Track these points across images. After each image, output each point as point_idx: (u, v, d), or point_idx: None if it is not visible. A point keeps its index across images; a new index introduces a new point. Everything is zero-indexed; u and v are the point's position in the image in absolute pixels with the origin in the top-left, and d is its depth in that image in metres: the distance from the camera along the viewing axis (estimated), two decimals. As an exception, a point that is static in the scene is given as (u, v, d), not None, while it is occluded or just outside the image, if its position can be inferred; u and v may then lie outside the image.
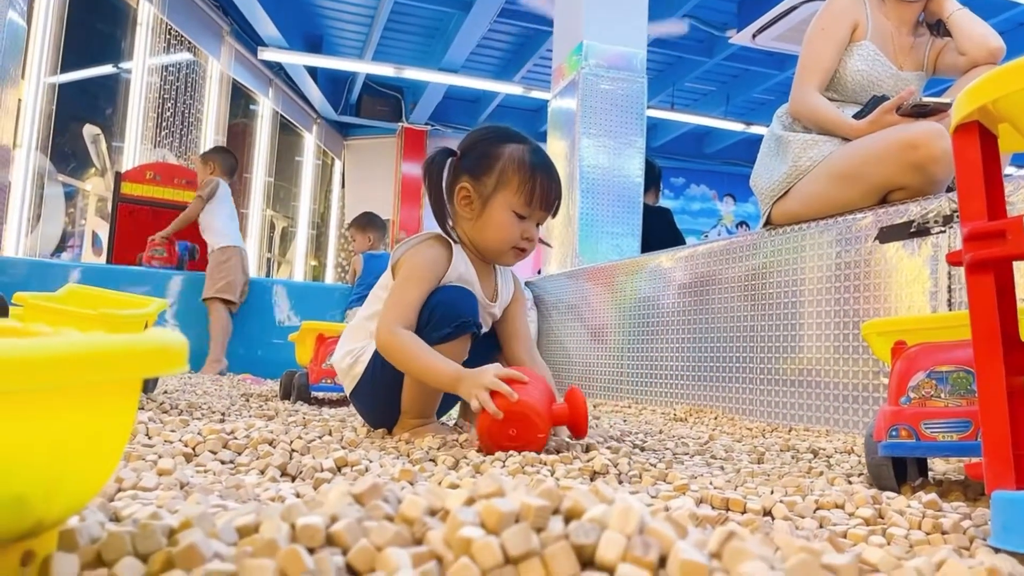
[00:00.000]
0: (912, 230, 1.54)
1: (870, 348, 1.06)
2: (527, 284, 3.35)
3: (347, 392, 1.33)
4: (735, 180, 9.69)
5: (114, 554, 0.35)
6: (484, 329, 1.35)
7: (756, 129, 7.92)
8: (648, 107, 3.79)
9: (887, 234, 1.58)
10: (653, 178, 3.82)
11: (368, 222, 4.07)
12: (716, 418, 1.97)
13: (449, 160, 1.31)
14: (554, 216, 1.32)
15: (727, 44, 6.29)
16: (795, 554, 0.32)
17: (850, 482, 0.93)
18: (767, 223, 1.99)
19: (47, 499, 0.33)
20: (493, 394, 1.05)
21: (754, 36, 5.32)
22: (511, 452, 1.01)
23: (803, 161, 1.84)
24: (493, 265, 1.38)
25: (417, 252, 1.27)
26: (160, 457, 0.80)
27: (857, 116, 1.82)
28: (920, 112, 1.73)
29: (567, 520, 0.37)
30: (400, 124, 8.41)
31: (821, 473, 1.01)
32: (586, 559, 0.34)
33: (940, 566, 0.46)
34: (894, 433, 0.87)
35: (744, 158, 9.11)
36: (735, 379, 2.03)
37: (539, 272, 3.98)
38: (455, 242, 1.31)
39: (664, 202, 9.20)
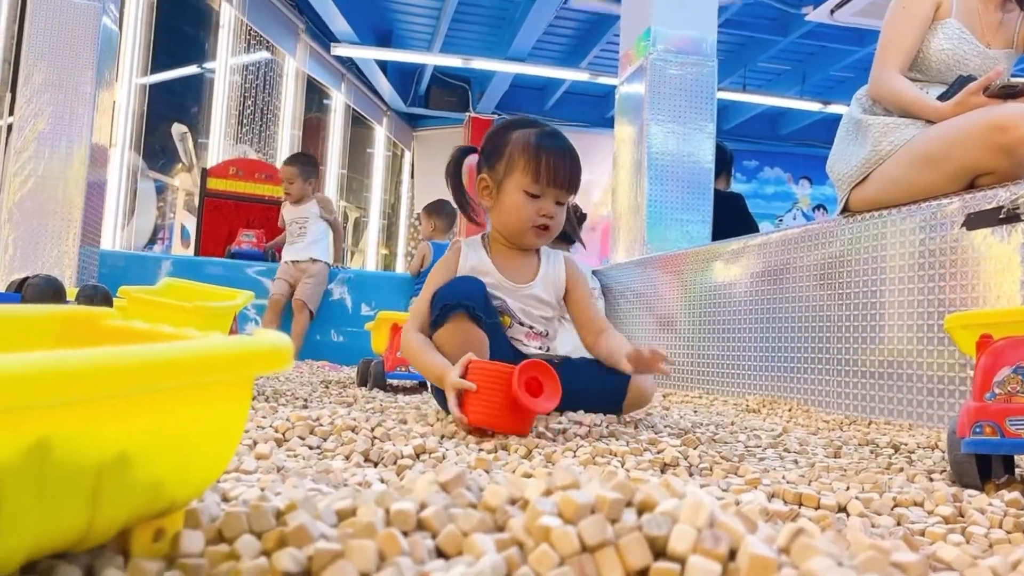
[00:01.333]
0: (1001, 216, 1.48)
1: (954, 342, 1.04)
2: (594, 272, 3.34)
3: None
4: (811, 162, 9.37)
5: (233, 532, 0.39)
6: (546, 313, 1.39)
7: (834, 108, 7.64)
8: (719, 89, 3.73)
9: (975, 221, 1.52)
10: (724, 163, 3.75)
11: (436, 209, 4.12)
12: (790, 410, 1.94)
13: (468, 158, 1.41)
14: (573, 193, 1.34)
15: (803, 21, 6.08)
16: (864, 551, 0.33)
17: (931, 479, 0.91)
18: (844, 210, 1.94)
19: (179, 483, 0.37)
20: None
21: (832, 12, 5.13)
22: (581, 443, 1.03)
23: (884, 145, 1.78)
24: (538, 251, 1.42)
25: (439, 263, 1.40)
26: (255, 443, 0.86)
27: (942, 97, 1.75)
28: (1008, 93, 1.65)
29: (640, 512, 0.39)
30: (467, 114, 8.48)
31: (901, 469, 1.00)
32: (658, 550, 0.36)
33: (1016, 565, 0.46)
34: (978, 430, 0.86)
35: (821, 139, 8.80)
36: (811, 369, 1.99)
37: (606, 260, 3.97)
38: (479, 223, 1.43)
39: (736, 186, 9.00)
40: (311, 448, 0.92)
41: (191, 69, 6.96)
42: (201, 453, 0.38)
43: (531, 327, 1.38)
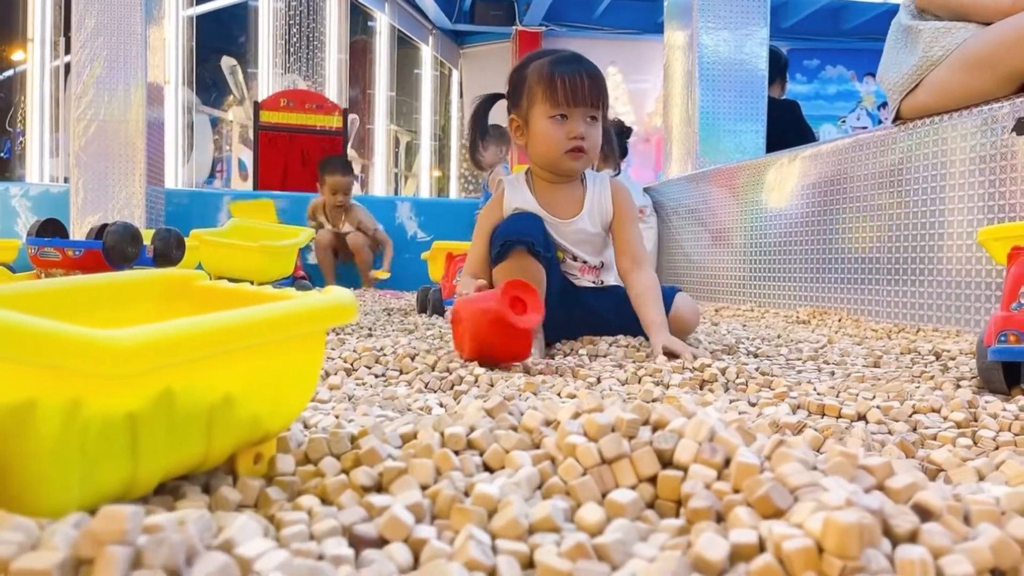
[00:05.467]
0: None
1: (989, 254, 1.05)
2: (646, 190, 3.34)
3: None
4: (877, 57, 8.78)
5: (317, 454, 0.48)
6: (596, 245, 1.40)
7: (902, -2, 7.18)
8: (775, -15, 3.55)
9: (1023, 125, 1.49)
10: (779, 68, 3.62)
11: (501, 135, 4.03)
12: (840, 320, 1.97)
13: (494, 104, 1.44)
14: (599, 107, 1.31)
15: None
16: (834, 457, 0.39)
17: (959, 386, 0.96)
18: (897, 118, 1.90)
19: (272, 417, 0.46)
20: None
21: None
22: (624, 365, 1.10)
23: (935, 51, 1.73)
24: (583, 181, 1.41)
25: (484, 207, 1.42)
26: (328, 374, 0.95)
27: (999, -6, 1.67)
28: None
29: (654, 430, 0.46)
30: (514, 27, 8.29)
31: (932, 377, 1.04)
32: (666, 461, 0.43)
33: (999, 466, 0.52)
34: (1003, 338, 0.89)
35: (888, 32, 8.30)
36: (861, 280, 2.00)
37: (660, 174, 3.94)
38: (485, 170, 1.44)
39: (797, 87, 8.63)
40: (376, 376, 1.02)
41: (234, -2, 6.97)
42: (288, 392, 0.46)
43: (584, 261, 1.40)
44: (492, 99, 1.45)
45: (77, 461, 0.35)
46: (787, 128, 3.44)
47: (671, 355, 1.15)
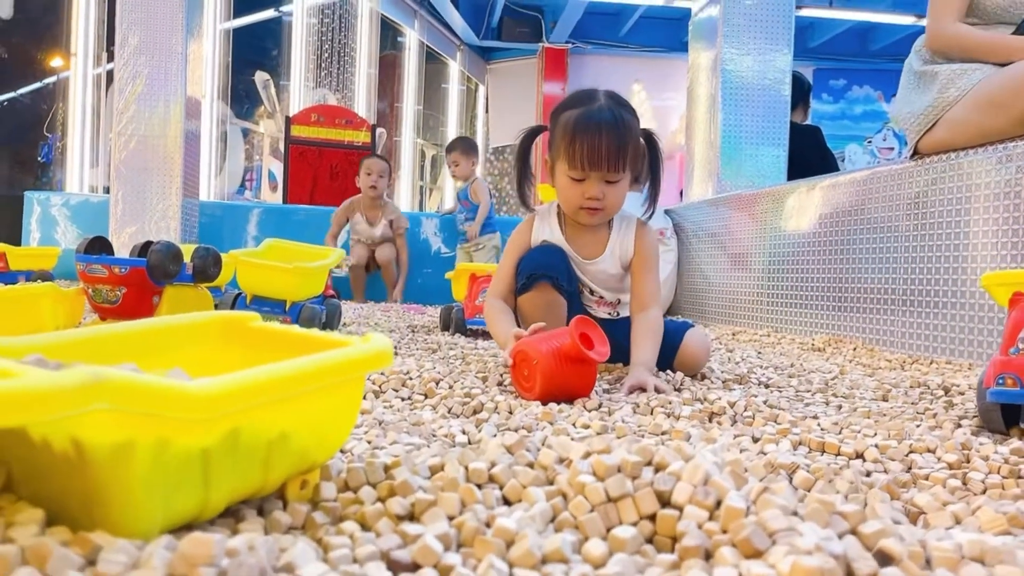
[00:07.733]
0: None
1: (993, 299, 1.09)
2: (667, 212, 3.39)
3: None
4: (904, 78, 8.82)
5: (355, 483, 0.54)
6: (615, 284, 1.45)
7: (929, 21, 7.16)
8: (803, 6, 3.54)
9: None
10: (801, 94, 3.66)
11: (471, 146, 4.17)
12: (855, 349, 2.00)
13: (536, 138, 1.47)
14: (619, 171, 1.31)
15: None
16: (812, 504, 0.45)
17: (959, 425, 1.00)
18: (914, 154, 1.93)
19: (319, 449, 0.52)
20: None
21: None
22: (639, 396, 1.15)
23: (950, 92, 1.77)
24: (610, 223, 1.43)
25: (514, 231, 1.48)
26: (359, 397, 1.02)
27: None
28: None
29: (656, 470, 0.52)
30: (541, 44, 8.40)
31: (935, 415, 1.08)
32: (665, 500, 0.49)
33: (976, 511, 0.56)
34: (1001, 381, 0.93)
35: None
36: (878, 309, 2.03)
37: (680, 193, 3.98)
38: (532, 209, 1.47)
39: (823, 107, 8.64)
40: (403, 400, 1.08)
41: (269, 13, 7.15)
42: (333, 427, 0.53)
43: (600, 296, 1.45)
44: (534, 133, 1.47)
45: (162, 490, 0.41)
46: (809, 153, 3.48)
47: (637, 389, 1.18)
